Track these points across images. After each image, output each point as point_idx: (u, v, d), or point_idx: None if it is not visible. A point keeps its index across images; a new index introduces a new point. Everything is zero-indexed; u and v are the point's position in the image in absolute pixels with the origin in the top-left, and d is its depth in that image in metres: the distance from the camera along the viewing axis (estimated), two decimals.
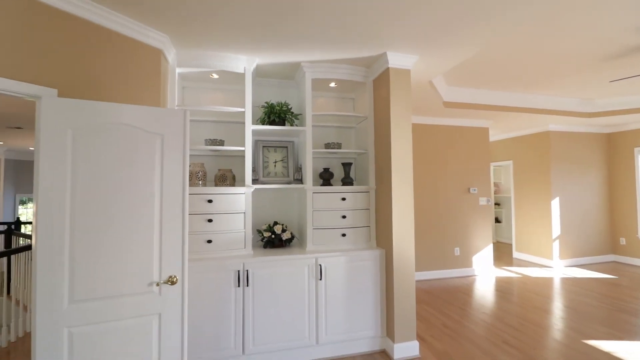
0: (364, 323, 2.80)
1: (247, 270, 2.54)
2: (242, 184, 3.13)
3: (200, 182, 2.79)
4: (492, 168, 8.18)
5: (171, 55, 2.63)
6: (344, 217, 2.96)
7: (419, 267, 5.12)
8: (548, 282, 4.88)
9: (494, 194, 8.50)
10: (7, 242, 4.85)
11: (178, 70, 2.77)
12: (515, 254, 6.56)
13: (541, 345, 2.92)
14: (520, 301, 4.06)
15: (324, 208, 2.93)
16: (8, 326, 3.18)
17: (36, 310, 1.67)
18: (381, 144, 2.96)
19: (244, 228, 2.72)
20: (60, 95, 1.87)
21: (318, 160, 3.38)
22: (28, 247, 3.45)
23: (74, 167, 1.76)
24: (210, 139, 2.89)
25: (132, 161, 1.88)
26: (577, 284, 4.74)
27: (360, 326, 2.79)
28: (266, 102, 3.08)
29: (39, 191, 1.69)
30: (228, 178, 2.88)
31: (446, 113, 4.88)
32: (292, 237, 2.99)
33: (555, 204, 5.81)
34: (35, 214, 1.70)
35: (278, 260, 2.63)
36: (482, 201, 5.50)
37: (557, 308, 3.81)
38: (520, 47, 2.96)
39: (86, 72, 2.02)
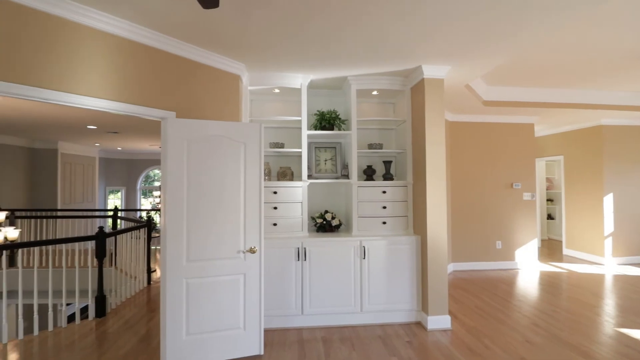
0: (401, 297, 3.29)
1: (305, 248, 3.18)
2: (299, 179, 3.76)
3: (267, 178, 3.47)
4: (544, 163, 7.98)
5: (245, 77, 3.32)
6: (384, 207, 3.46)
7: (459, 257, 5.40)
8: (595, 278, 4.89)
9: (547, 189, 8.27)
10: (114, 224, 6.10)
11: (249, 88, 3.46)
12: (566, 251, 6.47)
13: (569, 328, 3.16)
14: (560, 293, 4.22)
15: (367, 200, 3.45)
16: (116, 291, 4.15)
17: (166, 266, 2.45)
18: (418, 145, 3.39)
19: (301, 215, 3.35)
20: (177, 116, 2.63)
21: (362, 159, 3.90)
22: (131, 229, 4.43)
23: (187, 167, 2.50)
24: (273, 142, 3.56)
25: (225, 162, 2.58)
26: (626, 281, 4.70)
27: (398, 299, 3.29)
28: (318, 111, 3.67)
29: (167, 184, 2.46)
30: (288, 174, 3.54)
31: (488, 110, 5.07)
32: (340, 223, 3.56)
33: (608, 200, 5.66)
34: (164, 201, 2.47)
35: (329, 241, 3.23)
36: (527, 196, 5.58)
37: (597, 300, 3.92)
38: (563, 45, 3.00)
39: (191, 97, 2.77)
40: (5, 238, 3.62)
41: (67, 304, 5.06)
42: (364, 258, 3.27)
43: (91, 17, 2.17)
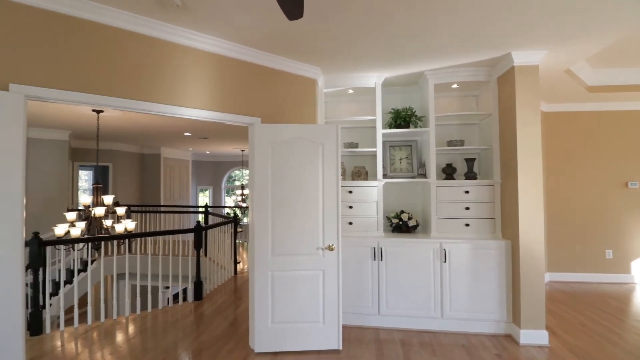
0: (487, 306, 3.05)
1: (381, 248, 3.16)
2: (373, 178, 3.75)
3: (342, 177, 3.54)
4: None
5: (320, 80, 3.44)
6: (467, 208, 3.24)
7: (557, 267, 4.76)
8: None
9: None
10: (205, 219, 6.87)
11: (324, 90, 3.57)
12: None
13: None
14: None
15: (447, 200, 3.27)
16: (209, 278, 4.66)
17: (254, 259, 2.68)
18: (507, 140, 3.10)
19: (377, 214, 3.33)
20: (262, 121, 2.85)
21: (441, 157, 3.70)
22: (221, 223, 4.92)
23: (272, 168, 2.69)
24: (347, 143, 3.61)
25: (304, 162, 2.71)
26: None
27: (483, 308, 3.05)
28: (392, 109, 3.60)
29: (254, 183, 2.68)
30: (362, 173, 3.56)
31: (593, 97, 4.36)
32: (417, 224, 3.44)
33: None
34: (252, 199, 2.70)
35: (406, 242, 3.15)
36: None
37: None
38: None
39: (273, 103, 2.97)
40: (125, 229, 4.37)
41: (166, 287, 5.88)
42: (445, 261, 3.11)
43: (192, 39, 2.49)
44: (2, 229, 1.75)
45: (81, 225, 3.93)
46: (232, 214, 6.44)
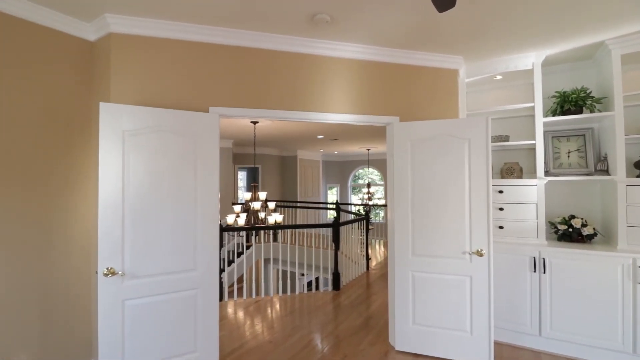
0: None
1: (543, 259, 2.68)
2: (530, 175, 3.21)
3: None
4: None
5: (462, 70, 3.16)
6: None
7: None
8: None
9: None
10: (338, 215, 7.34)
11: (466, 80, 3.27)
12: None
13: None
14: None
15: None
16: (345, 271, 4.92)
17: (394, 257, 2.69)
18: None
19: (536, 219, 2.84)
20: (401, 119, 2.83)
21: (632, 147, 2.87)
22: (355, 220, 5.14)
23: (412, 166, 2.64)
24: (495, 136, 3.21)
25: (447, 160, 2.55)
26: None
27: None
28: (557, 92, 2.99)
29: (394, 182, 2.69)
30: (515, 170, 3.09)
31: None
32: (595, 233, 2.77)
33: None
34: (391, 198, 2.72)
35: (580, 254, 2.58)
36: None
37: None
38: None
39: (412, 100, 2.91)
40: (275, 221, 5.09)
41: (301, 275, 6.53)
42: None
43: (335, 49, 2.68)
44: (209, 217, 2.29)
45: (243, 216, 4.79)
46: (361, 212, 6.65)
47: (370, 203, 9.64)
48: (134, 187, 2.05)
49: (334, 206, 7.72)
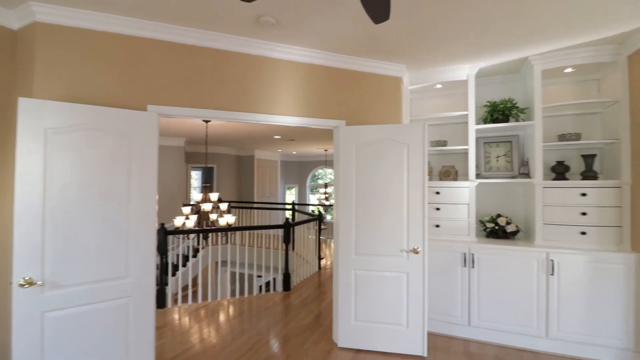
0: (608, 330, 2.55)
1: (472, 254, 2.92)
2: (464, 178, 3.48)
3: (428, 177, 3.38)
4: None
5: (405, 78, 3.34)
6: (583, 214, 2.76)
7: None
8: None
9: None
10: (292, 216, 7.35)
11: (410, 88, 3.45)
12: None
13: None
14: None
15: (556, 203, 2.84)
16: (296, 271, 4.96)
17: (339, 257, 2.77)
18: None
19: (468, 218, 3.08)
20: (347, 124, 2.92)
21: (549, 153, 3.22)
22: (307, 220, 5.19)
23: (356, 169, 2.74)
24: (435, 141, 3.43)
25: (388, 163, 2.69)
26: None
27: (602, 332, 2.56)
28: (488, 102, 3.28)
29: (339, 184, 2.77)
30: (452, 173, 3.33)
31: None
32: (517, 230, 3.07)
33: None
34: (337, 199, 2.80)
35: (504, 249, 2.85)
36: None
37: None
38: None
39: (358, 105, 3.01)
40: (227, 223, 4.98)
41: (258, 276, 6.46)
42: (552, 274, 2.70)
43: (282, 52, 2.69)
44: (145, 221, 2.18)
45: (193, 218, 4.63)
46: (316, 212, 6.73)
47: (327, 203, 9.78)
48: (58, 189, 1.90)
49: (291, 207, 7.73)
